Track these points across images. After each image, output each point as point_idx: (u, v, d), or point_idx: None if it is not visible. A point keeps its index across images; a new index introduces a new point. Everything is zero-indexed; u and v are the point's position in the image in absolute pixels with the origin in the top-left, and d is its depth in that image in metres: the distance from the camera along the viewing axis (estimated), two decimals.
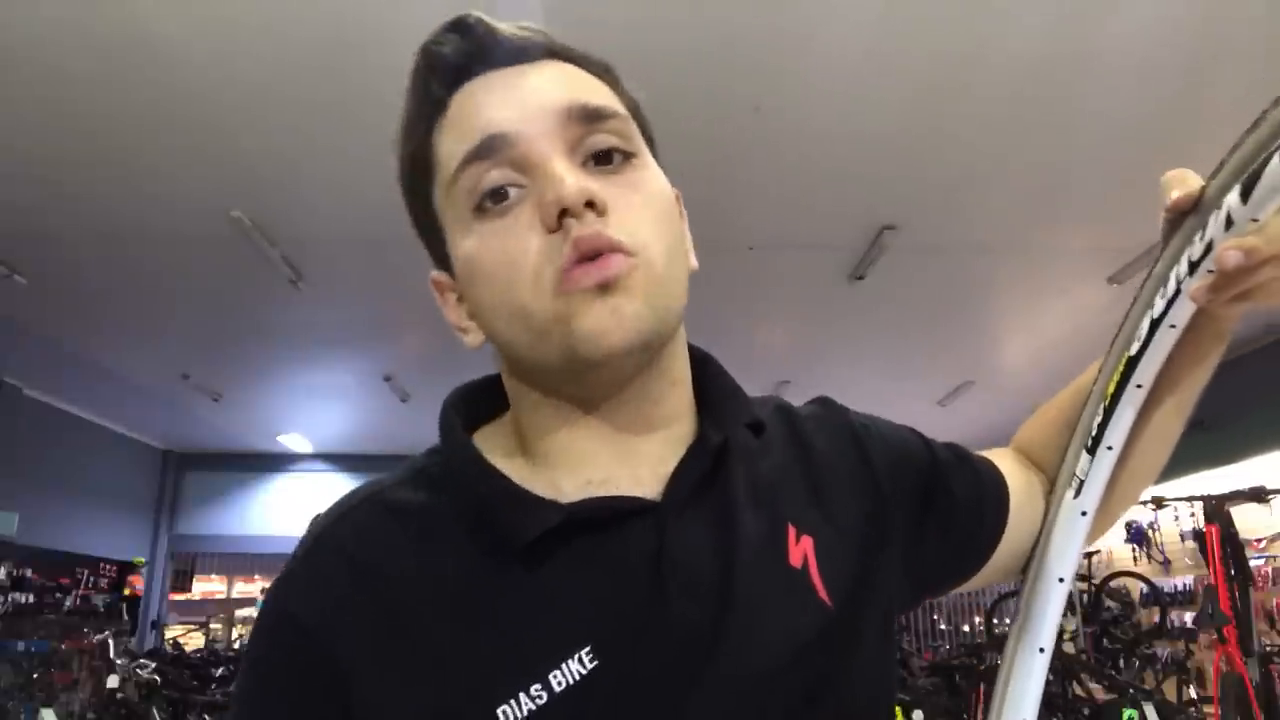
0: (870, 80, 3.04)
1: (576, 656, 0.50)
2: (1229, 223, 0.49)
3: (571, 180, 0.50)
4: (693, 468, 0.57)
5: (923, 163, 3.58)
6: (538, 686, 0.49)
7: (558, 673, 0.49)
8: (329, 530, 0.55)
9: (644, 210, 0.53)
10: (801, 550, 0.57)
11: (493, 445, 0.60)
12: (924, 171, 3.65)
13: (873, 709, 0.57)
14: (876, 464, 0.65)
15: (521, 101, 0.53)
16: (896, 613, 0.64)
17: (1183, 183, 0.52)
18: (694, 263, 0.60)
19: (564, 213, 0.50)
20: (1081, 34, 2.81)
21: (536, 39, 0.56)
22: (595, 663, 0.50)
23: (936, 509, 0.66)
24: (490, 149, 0.52)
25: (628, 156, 0.55)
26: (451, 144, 0.54)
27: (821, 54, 2.90)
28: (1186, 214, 0.53)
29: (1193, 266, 0.53)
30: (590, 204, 0.50)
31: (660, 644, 0.51)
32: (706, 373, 0.63)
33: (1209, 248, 0.51)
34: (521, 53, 0.55)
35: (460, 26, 0.55)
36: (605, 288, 0.50)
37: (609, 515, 0.54)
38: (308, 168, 3.54)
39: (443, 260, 0.59)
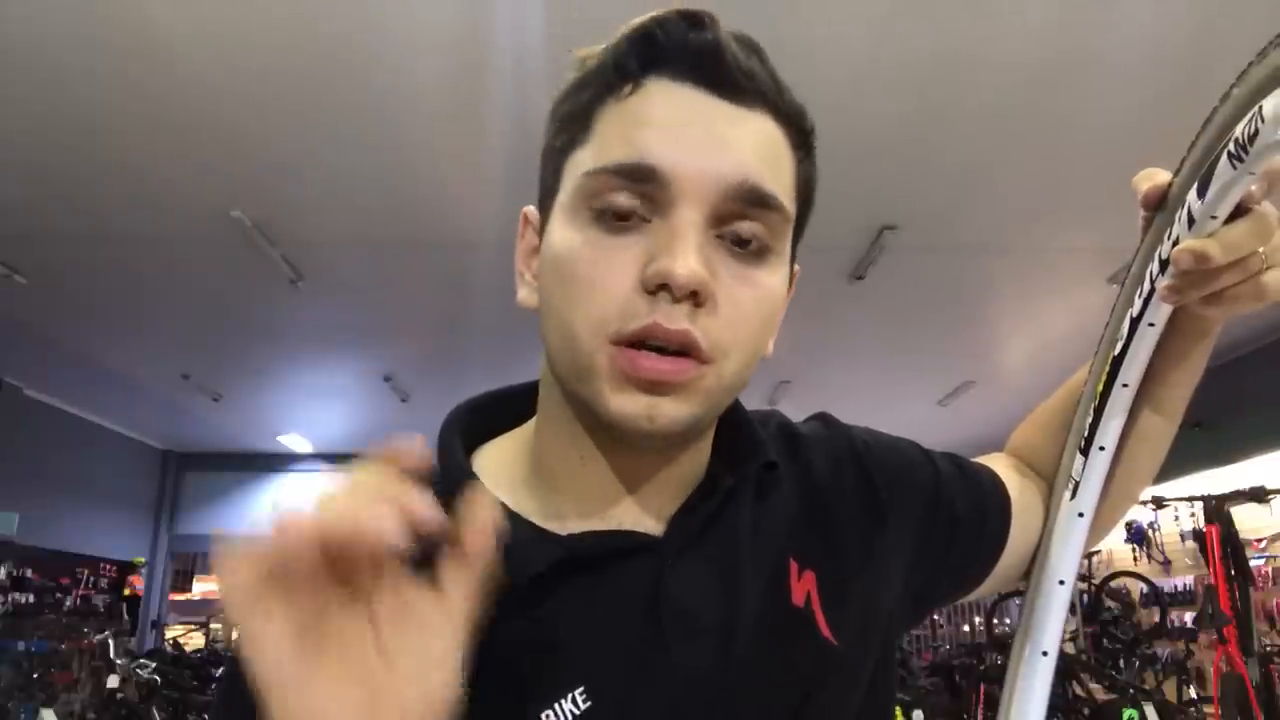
0: (870, 81, 3.03)
1: (570, 697, 0.48)
2: (1190, 220, 0.50)
3: (685, 261, 0.47)
4: (698, 509, 0.56)
5: (923, 163, 3.57)
6: None
7: (550, 713, 0.48)
8: None
9: (745, 312, 0.50)
10: (804, 587, 0.56)
11: (495, 465, 0.59)
12: (924, 171, 3.64)
13: None
14: (879, 485, 0.64)
15: (699, 150, 0.48)
16: (898, 634, 0.63)
17: (1151, 178, 0.54)
18: (769, 350, 0.57)
19: (664, 286, 0.47)
20: (1081, 34, 2.81)
21: (760, 77, 0.52)
22: (589, 703, 0.49)
23: (940, 526, 0.66)
24: (638, 176, 0.48)
25: (763, 253, 0.51)
26: (613, 135, 0.50)
27: (821, 54, 2.90)
28: (1157, 208, 0.54)
29: (1163, 265, 0.53)
30: (694, 294, 0.47)
31: (658, 687, 0.50)
32: None
33: (1175, 245, 0.51)
34: (737, 89, 0.50)
35: (692, 18, 0.50)
36: (654, 385, 0.48)
37: (609, 553, 0.53)
38: (308, 168, 3.53)
39: (544, 205, 0.55)
